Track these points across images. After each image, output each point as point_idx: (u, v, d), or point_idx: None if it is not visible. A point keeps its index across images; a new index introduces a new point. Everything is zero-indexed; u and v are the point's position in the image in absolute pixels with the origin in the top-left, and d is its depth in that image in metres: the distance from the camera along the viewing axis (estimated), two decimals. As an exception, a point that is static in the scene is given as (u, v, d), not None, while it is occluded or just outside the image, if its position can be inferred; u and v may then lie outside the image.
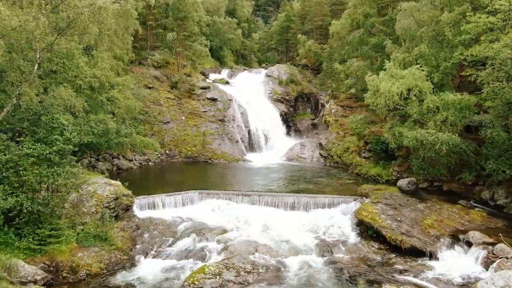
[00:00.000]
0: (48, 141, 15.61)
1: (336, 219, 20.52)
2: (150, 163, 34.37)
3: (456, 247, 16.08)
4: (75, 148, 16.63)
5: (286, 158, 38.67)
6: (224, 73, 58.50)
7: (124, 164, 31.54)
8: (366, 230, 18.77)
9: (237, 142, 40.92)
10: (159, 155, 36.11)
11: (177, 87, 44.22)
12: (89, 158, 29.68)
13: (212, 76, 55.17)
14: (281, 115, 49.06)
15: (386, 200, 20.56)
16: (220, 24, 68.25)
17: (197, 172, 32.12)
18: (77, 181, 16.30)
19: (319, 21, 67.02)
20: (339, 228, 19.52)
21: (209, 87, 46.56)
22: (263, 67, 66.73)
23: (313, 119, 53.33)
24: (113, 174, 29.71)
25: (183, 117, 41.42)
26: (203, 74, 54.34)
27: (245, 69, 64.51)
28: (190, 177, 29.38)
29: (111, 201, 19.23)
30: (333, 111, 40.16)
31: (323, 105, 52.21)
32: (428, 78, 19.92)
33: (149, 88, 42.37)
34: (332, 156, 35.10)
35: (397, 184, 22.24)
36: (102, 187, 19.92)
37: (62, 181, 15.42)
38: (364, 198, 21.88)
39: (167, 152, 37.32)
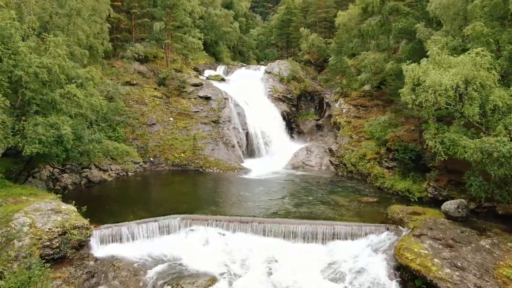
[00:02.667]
0: None
1: (365, 258, 15.17)
2: (129, 174, 28.94)
3: (560, 318, 10.79)
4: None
5: (291, 166, 33.29)
6: (220, 70, 53.06)
7: (96, 176, 26.08)
8: (411, 278, 13.43)
9: (233, 146, 35.53)
10: (141, 163, 30.70)
11: (165, 84, 38.74)
12: (52, 170, 24.24)
13: (207, 73, 49.76)
14: (282, 115, 43.80)
15: (432, 232, 15.22)
16: (215, 17, 62.70)
17: (184, 185, 26.64)
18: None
19: (322, 13, 61.69)
20: (371, 274, 14.16)
21: (202, 84, 41.14)
22: (262, 64, 61.46)
23: (318, 120, 48.16)
24: (80, 188, 24.44)
25: (171, 118, 35.96)
26: (196, 70, 48.92)
27: (242, 66, 59.08)
28: (175, 193, 23.94)
29: (55, 237, 13.78)
30: (344, 111, 34.80)
31: (328, 104, 47.09)
32: (492, 67, 14.56)
33: (133, 85, 36.92)
34: (345, 165, 29.74)
35: (443, 208, 16.88)
36: (45, 216, 14.49)
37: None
38: (400, 227, 16.56)
39: (152, 159, 31.87)
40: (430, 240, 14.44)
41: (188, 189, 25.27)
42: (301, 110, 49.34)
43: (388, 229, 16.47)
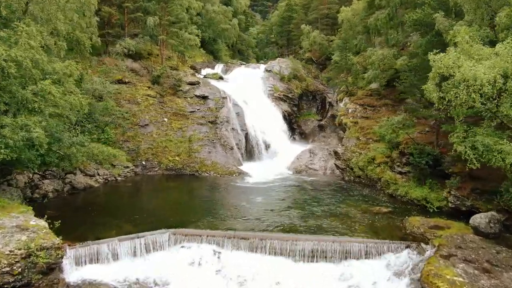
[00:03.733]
0: None
1: (384, 283, 12.97)
2: (119, 179, 26.64)
3: None
4: None
5: (293, 170, 31.09)
6: (218, 68, 50.89)
7: (81, 182, 23.78)
8: (443, 311, 11.20)
9: (231, 149, 33.32)
10: (132, 167, 28.46)
11: (159, 82, 36.52)
12: (31, 176, 22.01)
13: (204, 72, 47.53)
14: (283, 115, 41.70)
15: (463, 252, 13.05)
16: (213, 13, 60.51)
17: (178, 192, 24.41)
18: None
19: (324, 9, 59.58)
20: (394, 304, 11.96)
21: (198, 83, 38.93)
22: (262, 63, 59.27)
23: (320, 120, 46.14)
24: (62, 195, 22.20)
25: (165, 119, 33.73)
26: (193, 68, 46.68)
27: (242, 64, 56.95)
28: (166, 202, 21.69)
29: (17, 261, 11.57)
30: (350, 110, 32.62)
31: (331, 104, 45.06)
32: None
33: (125, 83, 34.72)
34: (352, 169, 27.52)
35: (472, 222, 14.75)
36: (8, 235, 12.27)
37: None
38: (423, 245, 14.36)
39: (143, 163, 29.62)
40: (462, 263, 12.25)
41: (182, 197, 23.00)
42: (302, 110, 47.25)
43: (409, 247, 14.28)
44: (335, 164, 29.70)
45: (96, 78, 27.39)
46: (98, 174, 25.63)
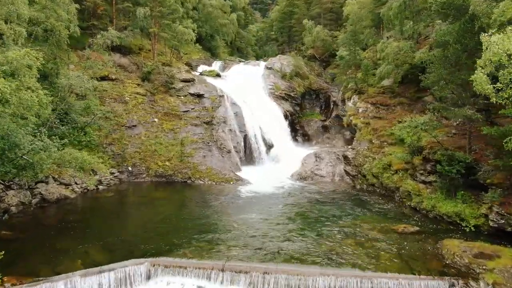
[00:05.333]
0: None
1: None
2: (100, 187, 23.36)
3: None
4: None
5: (297, 176, 27.85)
6: (216, 65, 47.73)
7: (54, 193, 20.51)
8: None
9: (229, 152, 30.14)
10: (117, 174, 25.27)
11: (149, 79, 33.30)
12: (-7, 186, 18.81)
13: (200, 69, 44.38)
14: (285, 115, 38.50)
15: (530, 296, 9.85)
16: (210, 8, 57.37)
17: (165, 205, 20.94)
18: None
19: (328, 3, 56.40)
20: None
21: (193, 80, 35.74)
22: (262, 60, 56.08)
23: (324, 120, 43.18)
24: (29, 209, 18.98)
25: (155, 119, 30.48)
26: (188, 65, 43.50)
27: (240, 61, 53.78)
28: (150, 219, 18.26)
29: None
30: (360, 110, 29.38)
31: (335, 103, 42.08)
32: None
33: (111, 80, 31.53)
34: (364, 176, 24.34)
35: (532, 252, 11.51)
36: None
37: None
38: (471, 282, 11.15)
39: (130, 168, 26.37)
40: (537, 315, 9.06)
41: (169, 211, 19.56)
42: (305, 109, 44.20)
43: (454, 286, 11.08)
44: (345, 170, 26.50)
45: (72, 73, 24.12)
46: (75, 183, 22.37)
